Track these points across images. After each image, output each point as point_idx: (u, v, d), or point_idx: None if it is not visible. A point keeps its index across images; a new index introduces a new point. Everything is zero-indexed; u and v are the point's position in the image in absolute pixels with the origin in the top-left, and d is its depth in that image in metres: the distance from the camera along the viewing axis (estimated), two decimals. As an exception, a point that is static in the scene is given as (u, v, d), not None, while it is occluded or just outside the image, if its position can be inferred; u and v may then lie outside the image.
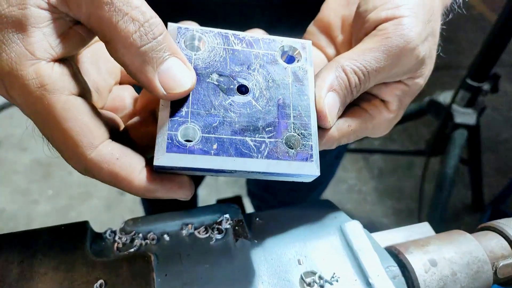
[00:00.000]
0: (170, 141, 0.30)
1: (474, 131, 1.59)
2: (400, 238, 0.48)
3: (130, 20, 0.28)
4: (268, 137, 0.33)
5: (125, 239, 0.39)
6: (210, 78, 0.34)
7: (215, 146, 0.31)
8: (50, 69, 0.29)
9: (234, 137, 0.32)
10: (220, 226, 0.40)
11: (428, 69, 0.40)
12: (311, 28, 0.45)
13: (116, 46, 0.29)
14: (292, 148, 0.33)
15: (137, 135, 0.35)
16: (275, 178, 0.33)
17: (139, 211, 1.87)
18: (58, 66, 0.29)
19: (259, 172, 0.32)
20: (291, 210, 0.44)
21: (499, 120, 2.43)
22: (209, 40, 0.35)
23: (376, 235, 0.48)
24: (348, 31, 0.42)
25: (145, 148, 0.33)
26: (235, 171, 0.31)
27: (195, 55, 0.34)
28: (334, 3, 0.44)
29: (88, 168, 0.30)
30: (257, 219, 0.43)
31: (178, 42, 0.34)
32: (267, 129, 0.33)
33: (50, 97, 0.28)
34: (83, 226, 0.39)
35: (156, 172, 0.32)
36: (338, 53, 0.43)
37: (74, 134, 0.29)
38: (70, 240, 0.38)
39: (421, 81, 0.40)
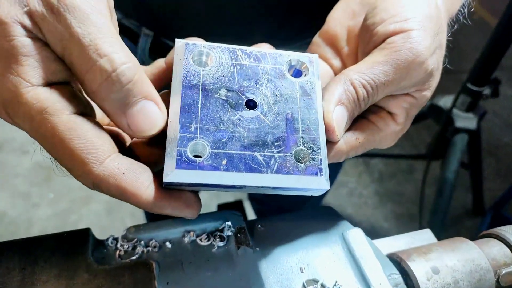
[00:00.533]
0: (179, 157, 0.30)
1: (475, 136, 1.59)
2: (402, 245, 0.48)
3: (98, 70, 0.29)
4: (277, 152, 0.33)
5: (127, 246, 0.39)
6: (218, 94, 0.34)
7: (224, 162, 0.31)
8: (48, 93, 0.29)
9: (243, 152, 0.32)
10: (222, 234, 0.40)
11: (435, 81, 0.40)
12: (316, 39, 0.45)
13: (87, 90, 0.30)
14: (302, 163, 0.33)
15: (142, 152, 0.35)
16: (284, 192, 0.33)
17: (140, 215, 1.87)
18: (56, 88, 0.30)
19: (268, 187, 0.32)
20: (293, 217, 0.44)
21: (500, 125, 2.43)
22: (216, 55, 0.35)
23: (378, 242, 0.48)
24: (354, 42, 0.42)
25: (151, 165, 0.33)
26: (245, 186, 0.31)
27: (203, 70, 0.34)
28: (339, 15, 0.44)
29: (96, 183, 0.30)
30: (259, 226, 0.43)
31: (186, 58, 0.34)
32: (276, 143, 0.33)
33: (52, 120, 0.29)
34: (85, 233, 0.39)
35: (165, 188, 0.32)
36: (344, 64, 0.43)
37: (80, 152, 0.29)
38: (72, 247, 0.38)
39: (428, 93, 0.40)
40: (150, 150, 0.35)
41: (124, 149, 0.36)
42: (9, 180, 2.03)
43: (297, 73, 0.37)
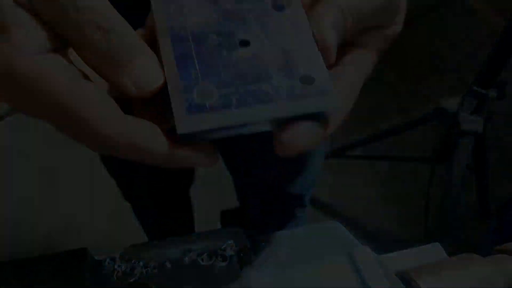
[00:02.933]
0: (188, 104, 0.30)
1: (481, 138, 1.57)
2: (411, 261, 0.47)
3: (96, 28, 0.29)
4: (283, 80, 0.33)
5: (124, 267, 0.38)
6: (209, 39, 0.34)
7: (234, 100, 0.31)
8: (43, 60, 0.29)
9: (250, 87, 0.32)
10: (224, 253, 0.39)
11: (402, 12, 0.41)
12: None
13: (84, 52, 0.30)
14: (309, 85, 0.33)
15: (142, 115, 0.34)
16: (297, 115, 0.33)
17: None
18: (51, 55, 0.29)
19: (283, 117, 0.32)
20: (298, 234, 0.43)
21: (506, 124, 2.40)
22: (198, 4, 0.36)
23: (386, 258, 0.46)
24: None
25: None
26: (260, 121, 0.31)
27: (188, 21, 0.35)
28: None
29: (103, 144, 0.30)
30: (263, 243, 0.41)
31: (168, 12, 0.35)
32: (279, 73, 0.33)
33: (52, 85, 0.28)
34: (82, 253, 0.38)
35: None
36: None
37: (84, 114, 0.28)
38: (69, 269, 0.37)
39: (399, 27, 0.41)
40: (150, 111, 0.34)
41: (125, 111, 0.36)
42: (13, 185, 2.03)
43: (280, 7, 0.38)
